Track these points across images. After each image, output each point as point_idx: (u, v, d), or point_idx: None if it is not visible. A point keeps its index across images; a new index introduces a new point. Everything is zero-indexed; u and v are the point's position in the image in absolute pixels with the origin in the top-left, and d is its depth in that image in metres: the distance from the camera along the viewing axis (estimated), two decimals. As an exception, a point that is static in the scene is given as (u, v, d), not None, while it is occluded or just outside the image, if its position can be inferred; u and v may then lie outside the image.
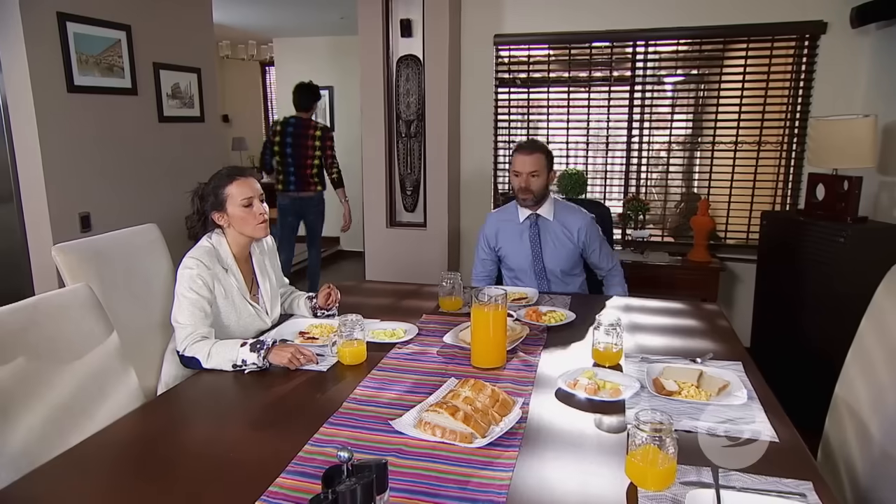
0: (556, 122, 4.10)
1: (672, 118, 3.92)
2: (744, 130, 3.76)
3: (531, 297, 2.28)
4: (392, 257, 3.99)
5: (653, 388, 1.49)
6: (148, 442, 1.35)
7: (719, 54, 3.79)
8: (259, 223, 1.92)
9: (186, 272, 1.83)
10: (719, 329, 2.03)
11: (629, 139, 3.97)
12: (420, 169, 3.95)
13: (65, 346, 1.45)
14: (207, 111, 4.25)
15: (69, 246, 1.88)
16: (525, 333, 1.85)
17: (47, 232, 3.08)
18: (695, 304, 2.29)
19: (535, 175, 2.43)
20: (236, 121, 9.70)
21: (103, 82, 3.34)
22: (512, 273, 2.61)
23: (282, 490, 1.13)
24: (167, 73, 3.81)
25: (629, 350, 1.79)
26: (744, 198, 3.83)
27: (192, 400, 1.61)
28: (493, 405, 1.36)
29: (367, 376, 1.63)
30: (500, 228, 2.61)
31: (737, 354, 1.77)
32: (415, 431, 1.31)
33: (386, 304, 2.33)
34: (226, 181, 1.89)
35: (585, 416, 1.40)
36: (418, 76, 3.83)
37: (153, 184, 3.75)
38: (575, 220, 2.51)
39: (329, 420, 1.39)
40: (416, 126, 3.90)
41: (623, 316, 2.11)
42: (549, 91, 4.05)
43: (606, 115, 3.98)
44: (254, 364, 1.69)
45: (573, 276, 2.56)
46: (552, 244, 2.51)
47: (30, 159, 3.04)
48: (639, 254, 3.74)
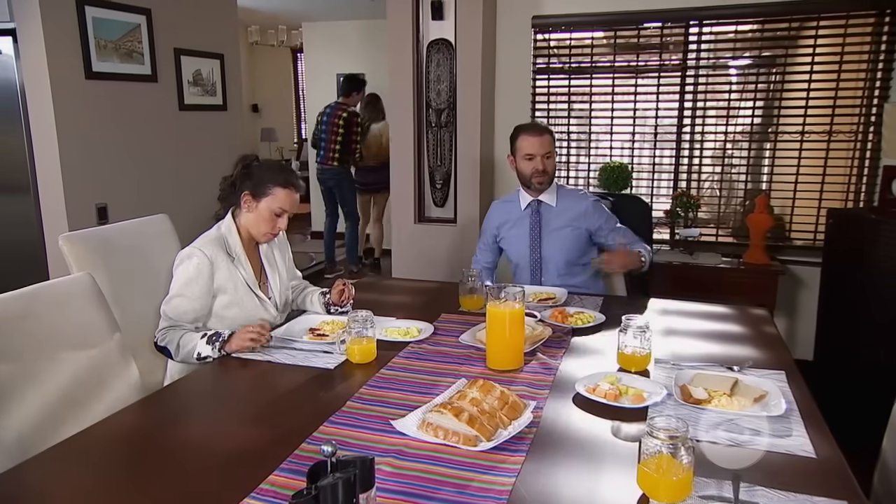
0: (600, 113, 4.06)
1: (728, 107, 3.84)
2: (812, 119, 3.65)
3: (559, 297, 2.28)
4: (420, 254, 4.03)
5: (679, 396, 1.48)
6: (144, 435, 1.41)
7: (785, 34, 3.69)
8: (271, 234, 2.04)
9: (184, 263, 1.93)
10: (764, 336, 1.99)
11: (679, 130, 3.91)
12: (451, 161, 3.98)
13: (64, 335, 1.53)
14: (230, 99, 4.39)
15: (76, 235, 1.98)
16: (547, 335, 1.85)
17: (63, 223, 3.23)
18: (740, 307, 2.25)
19: (549, 156, 2.51)
20: (266, 110, 9.92)
21: (122, 68, 3.49)
22: (514, 266, 2.67)
23: (272, 487, 1.17)
24: (188, 60, 3.95)
25: (660, 355, 1.78)
26: (811, 194, 3.72)
27: (193, 394, 1.67)
28: (502, 408, 1.37)
29: (374, 375, 1.67)
30: (502, 216, 2.68)
31: (781, 363, 1.74)
32: (417, 432, 1.33)
33: (404, 302, 2.37)
34: (279, 180, 1.99)
35: (603, 424, 1.40)
36: (450, 62, 3.86)
37: (173, 175, 3.89)
38: (578, 204, 2.57)
39: (330, 418, 1.43)
40: (447, 115, 3.93)
41: (658, 318, 2.10)
42: (592, 78, 4.02)
43: (655, 105, 3.93)
44: (217, 354, 1.82)
45: (582, 265, 2.59)
46: (554, 232, 2.56)
47: (47, 148, 3.20)
48: (687, 254, 3.68)
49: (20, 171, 3.27)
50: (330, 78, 6.96)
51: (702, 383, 1.55)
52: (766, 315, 2.20)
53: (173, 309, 1.92)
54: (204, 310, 1.96)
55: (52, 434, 1.40)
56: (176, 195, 3.84)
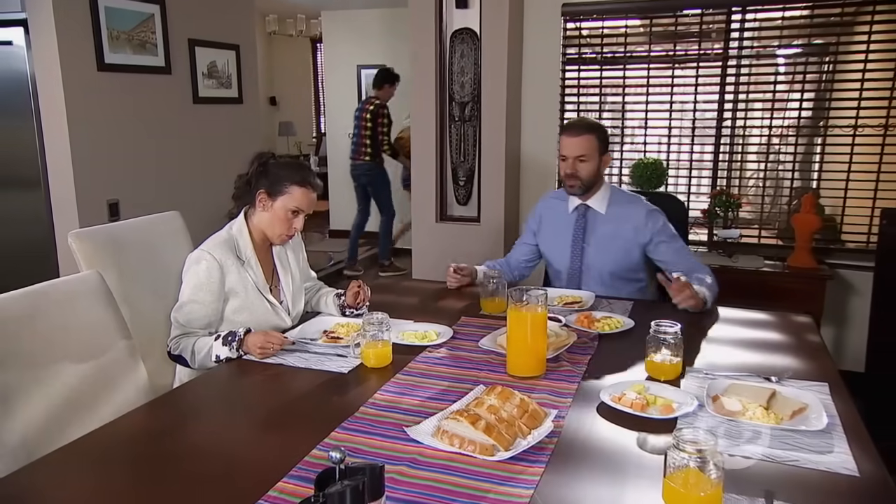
0: (634, 106, 4.04)
1: (774, 99, 3.79)
2: (866, 112, 3.59)
3: (586, 301, 2.27)
4: (442, 255, 4.04)
5: (711, 407, 1.47)
6: (151, 439, 1.45)
7: (837, 20, 3.63)
8: (286, 235, 2.07)
9: (193, 268, 1.97)
10: (807, 344, 1.96)
11: (720, 124, 3.87)
12: (474, 157, 3.99)
13: (71, 335, 1.58)
14: (246, 92, 4.45)
15: (85, 232, 2.03)
16: (572, 341, 1.85)
17: (74, 220, 3.31)
18: (781, 314, 2.22)
19: (584, 159, 2.39)
20: (284, 103, 10.02)
21: (135, 60, 3.56)
22: (553, 271, 2.62)
23: (281, 495, 1.19)
24: (203, 51, 4.02)
25: (693, 364, 1.77)
26: (864, 192, 3.65)
27: (202, 397, 1.71)
28: (522, 416, 1.38)
29: (390, 380, 1.69)
30: (546, 212, 2.61)
31: (824, 374, 1.71)
32: (431, 440, 1.34)
33: (422, 304, 2.38)
34: (296, 178, 2.02)
35: (628, 435, 1.39)
36: (474, 53, 3.87)
37: (186, 171, 3.96)
38: (632, 213, 2.44)
39: (342, 424, 1.45)
40: (471, 109, 3.94)
41: (692, 325, 2.08)
42: (625, 69, 4.00)
43: (694, 97, 3.90)
44: (228, 358, 1.86)
45: (628, 280, 2.50)
46: (600, 242, 2.47)
47: (58, 142, 3.28)
48: (726, 257, 3.64)
49: (31, 166, 3.36)
50: (350, 69, 7.02)
51: (736, 394, 1.54)
52: (810, 322, 2.17)
53: (184, 316, 1.96)
54: (216, 314, 2.00)
55: (58, 436, 1.44)
56: (189, 192, 3.91)
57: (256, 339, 1.84)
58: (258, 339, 1.84)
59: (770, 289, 3.46)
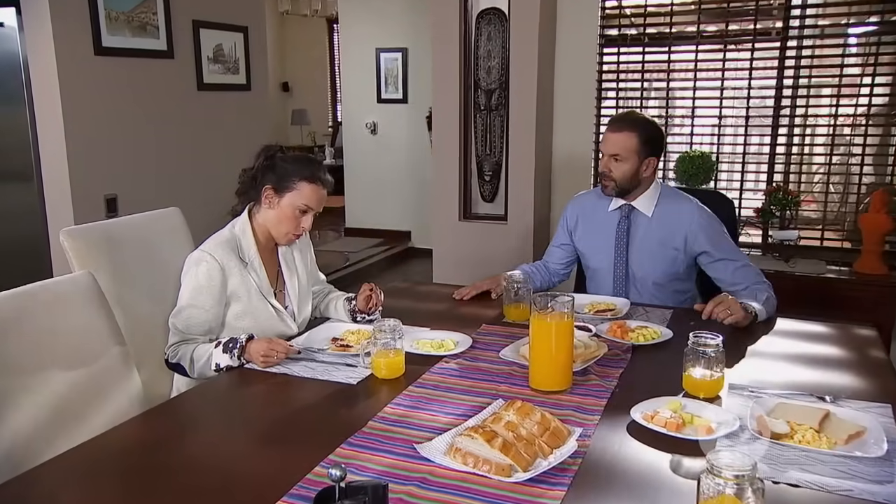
0: (680, 92, 4.02)
1: (841, 84, 3.73)
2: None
3: (620, 308, 2.27)
4: (465, 256, 4.06)
5: (755, 428, 1.46)
6: (145, 451, 1.48)
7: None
8: (293, 234, 2.11)
9: (192, 270, 2.00)
10: (870, 360, 1.94)
11: (777, 112, 3.83)
12: (502, 149, 4.00)
13: (60, 340, 1.62)
14: (255, 78, 4.52)
15: (78, 230, 2.09)
16: (602, 352, 1.85)
17: (69, 215, 3.39)
18: (841, 326, 2.20)
19: (619, 159, 2.36)
20: (298, 90, 10.12)
21: (135, 43, 3.64)
22: (591, 274, 2.61)
23: (279, 515, 1.22)
24: (208, 33, 4.09)
25: (737, 380, 1.76)
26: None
27: (199, 408, 1.75)
28: (542, 434, 1.38)
29: (401, 392, 1.71)
30: (583, 213, 2.60)
31: (888, 395, 1.69)
32: (444, 459, 1.36)
33: (441, 311, 2.40)
34: (305, 173, 2.05)
35: (661, 457, 1.39)
36: (502, 35, 3.88)
37: (189, 163, 4.04)
38: (681, 218, 2.41)
39: (349, 440, 1.47)
40: (499, 96, 3.95)
41: (737, 336, 2.07)
42: (671, 51, 3.97)
43: (748, 82, 3.86)
44: (229, 366, 1.88)
45: (672, 291, 2.48)
46: (644, 248, 2.45)
47: (52, 132, 3.36)
48: (782, 261, 3.60)
49: (23, 158, 3.44)
50: (368, 53, 7.05)
51: (784, 415, 1.53)
52: (875, 336, 2.14)
53: (183, 321, 2.00)
54: (217, 320, 2.04)
55: (46, 448, 1.48)
56: (192, 186, 3.98)
57: (259, 346, 1.87)
58: (261, 347, 1.87)
59: (832, 297, 3.41)
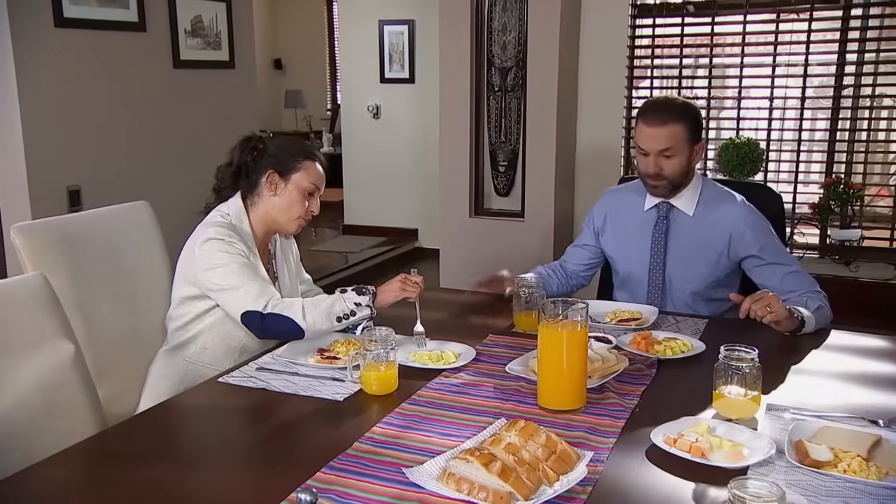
0: (725, 70, 4.02)
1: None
2: None
3: (646, 317, 2.27)
4: (477, 257, 4.08)
5: (793, 455, 1.47)
6: (102, 476, 1.51)
7: None
8: (304, 218, 2.21)
9: (212, 243, 2.06)
10: (931, 379, 1.94)
11: (838, 93, 3.82)
12: (518, 137, 4.01)
13: (6, 350, 1.64)
14: (240, 54, 4.55)
15: (32, 226, 2.12)
16: (622, 367, 1.86)
17: (26, 210, 3.44)
18: (900, 339, 2.20)
19: (669, 155, 2.33)
20: (292, 68, 10.16)
21: (101, 14, 3.68)
22: (620, 280, 2.61)
23: (247, 545, 1.24)
24: (185, 3, 4.13)
25: (776, 400, 1.76)
26: None
27: (165, 427, 1.77)
28: (548, 458, 1.40)
29: (393, 410, 1.72)
30: (613, 212, 2.58)
31: (949, 419, 1.69)
32: (435, 485, 1.37)
33: (442, 319, 2.41)
34: (307, 154, 2.19)
35: (683, 486, 1.40)
36: (519, 5, 3.89)
37: (165, 151, 4.07)
38: (729, 217, 2.39)
39: (330, 463, 1.49)
40: (515, 76, 3.96)
41: (778, 350, 2.07)
42: (714, 22, 3.97)
43: (804, 58, 3.85)
44: (367, 311, 2.07)
45: (713, 301, 2.48)
46: (684, 252, 2.44)
47: (6, 115, 3.39)
48: (842, 265, 3.59)
49: (-25, 144, 3.48)
50: (371, 26, 7.04)
51: (828, 440, 1.53)
52: (938, 351, 2.14)
53: (249, 276, 2.06)
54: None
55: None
56: (165, 178, 4.01)
57: (392, 284, 2.12)
58: (394, 286, 2.12)
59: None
